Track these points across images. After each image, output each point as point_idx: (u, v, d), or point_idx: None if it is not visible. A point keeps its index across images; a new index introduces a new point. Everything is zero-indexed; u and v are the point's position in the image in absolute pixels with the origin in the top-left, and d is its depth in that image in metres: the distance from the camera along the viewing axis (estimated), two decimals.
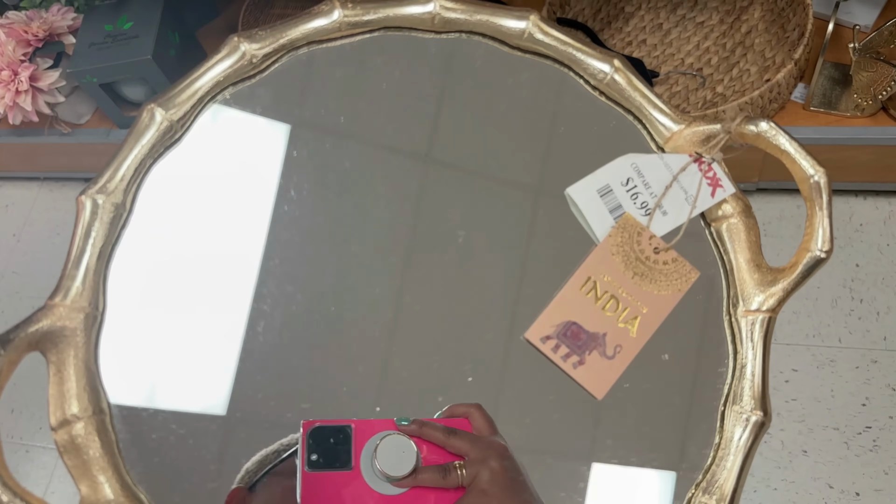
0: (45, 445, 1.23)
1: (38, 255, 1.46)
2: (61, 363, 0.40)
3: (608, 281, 0.43)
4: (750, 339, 0.45)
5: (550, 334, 0.42)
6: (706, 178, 0.45)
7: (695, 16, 1.16)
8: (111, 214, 0.47)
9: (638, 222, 0.44)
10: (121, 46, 1.20)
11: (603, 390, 0.43)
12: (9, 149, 1.43)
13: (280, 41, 0.55)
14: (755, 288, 0.46)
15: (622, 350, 0.42)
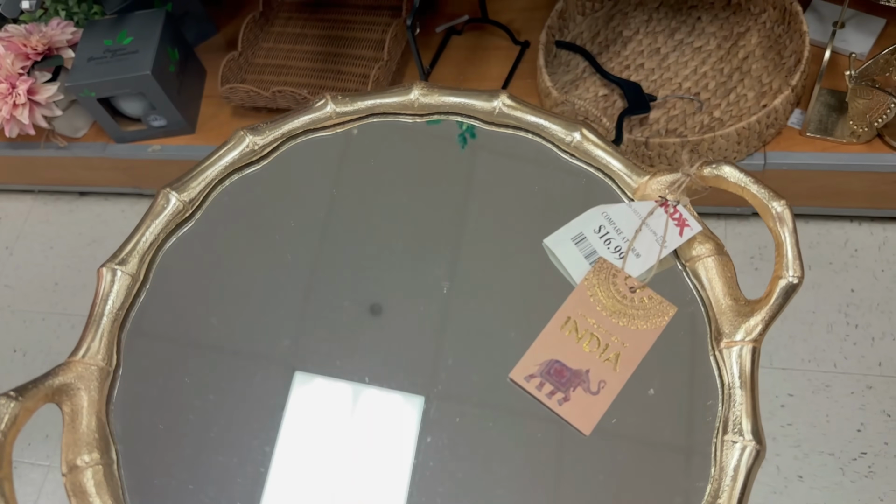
0: (34, 462, 1.22)
1: (30, 268, 1.45)
2: (75, 414, 0.43)
3: (588, 320, 0.45)
4: (737, 369, 0.46)
5: (534, 373, 0.43)
6: (672, 219, 0.47)
7: (692, 41, 1.17)
8: (127, 283, 0.52)
9: (612, 264, 0.46)
10: (120, 61, 1.20)
11: (590, 426, 0.43)
12: (4, 161, 1.43)
13: (280, 131, 0.62)
14: (735, 319, 0.47)
15: (606, 385, 0.43)
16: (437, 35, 1.32)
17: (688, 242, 0.49)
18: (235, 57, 1.28)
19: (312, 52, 1.31)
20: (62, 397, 0.43)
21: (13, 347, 1.35)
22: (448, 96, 0.61)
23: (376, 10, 1.32)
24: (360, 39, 1.29)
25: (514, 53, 1.27)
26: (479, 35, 1.32)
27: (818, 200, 1.11)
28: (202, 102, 1.36)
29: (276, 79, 1.28)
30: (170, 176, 1.35)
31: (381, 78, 1.18)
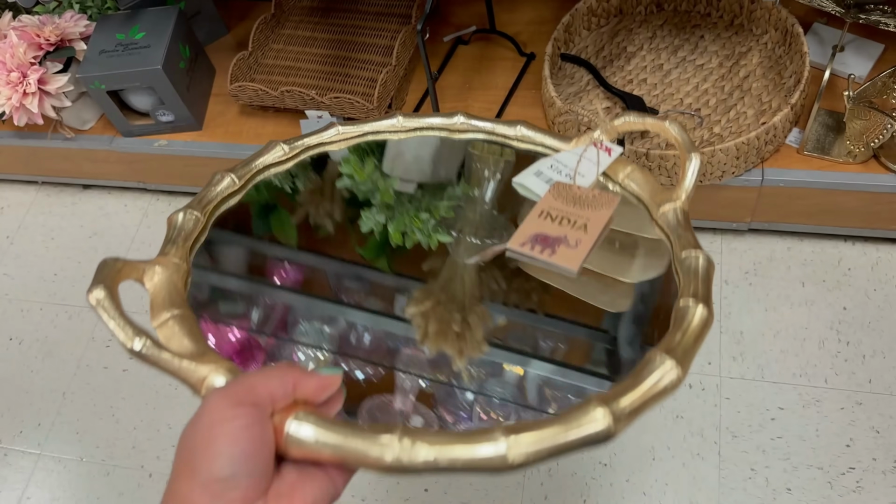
0: (24, 450, 1.21)
1: (30, 258, 1.45)
2: (157, 287, 0.48)
3: (558, 210, 0.58)
4: (676, 223, 0.54)
5: (525, 241, 0.55)
6: (602, 150, 0.62)
7: (695, 58, 1.19)
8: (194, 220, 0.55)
9: (566, 182, 0.62)
10: (131, 55, 1.22)
11: (576, 266, 0.53)
12: (10, 151, 1.44)
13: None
14: (664, 196, 0.57)
15: (582, 242, 0.55)
16: (444, 44, 1.34)
17: (616, 168, 0.61)
18: (245, 57, 1.30)
19: (321, 55, 1.32)
20: (145, 275, 0.48)
21: (9, 336, 1.35)
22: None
23: (386, 16, 1.35)
24: (369, 44, 1.31)
25: (520, 64, 1.30)
26: (485, 45, 1.34)
27: (813, 218, 1.13)
28: (210, 100, 1.37)
29: (285, 79, 1.30)
30: (175, 172, 1.37)
31: (388, 83, 1.20)
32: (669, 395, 0.40)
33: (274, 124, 1.31)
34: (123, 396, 1.24)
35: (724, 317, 1.14)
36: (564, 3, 1.28)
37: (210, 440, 0.33)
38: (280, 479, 0.36)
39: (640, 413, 0.38)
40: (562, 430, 0.36)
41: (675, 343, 0.42)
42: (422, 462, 0.34)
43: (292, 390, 0.36)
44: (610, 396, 0.38)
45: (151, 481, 1.15)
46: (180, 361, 0.40)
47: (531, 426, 0.36)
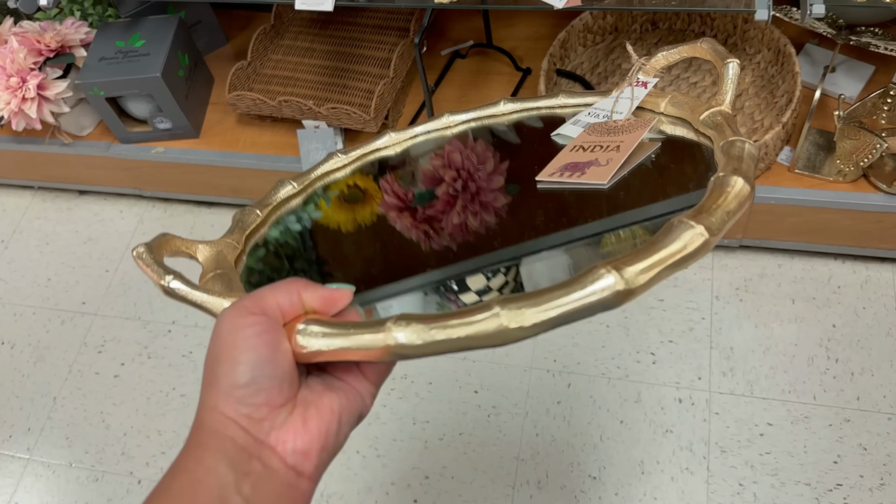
0: (14, 454, 1.21)
1: (24, 263, 1.45)
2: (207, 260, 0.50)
3: (591, 141, 0.57)
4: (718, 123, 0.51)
5: (554, 172, 0.55)
6: (637, 86, 0.61)
7: (689, 76, 1.21)
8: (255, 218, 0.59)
9: (603, 122, 0.61)
10: (131, 63, 1.23)
11: (607, 177, 0.51)
12: (7, 155, 1.44)
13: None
14: (704, 108, 0.54)
15: (613, 159, 0.52)
16: (441, 57, 1.35)
17: (657, 101, 0.59)
18: (244, 66, 1.31)
19: (320, 66, 1.34)
20: (198, 251, 0.50)
21: (1, 340, 1.35)
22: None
23: (384, 29, 1.36)
24: (367, 57, 1.33)
25: (516, 79, 1.31)
26: (482, 60, 1.36)
27: (804, 236, 1.14)
28: (208, 108, 1.38)
29: (283, 90, 1.31)
30: (171, 179, 1.38)
31: (385, 94, 1.21)
32: (694, 259, 0.35)
33: (271, 133, 1.32)
34: (114, 402, 1.24)
35: (715, 332, 1.15)
36: (561, 19, 1.30)
37: (227, 350, 0.35)
38: (307, 389, 0.37)
39: (656, 276, 0.35)
40: (565, 294, 0.34)
41: (708, 209, 0.38)
42: (421, 342, 0.34)
43: (298, 300, 0.38)
44: (622, 259, 0.35)
45: (140, 488, 1.15)
46: (205, 296, 0.42)
47: (531, 295, 0.34)
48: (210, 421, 0.35)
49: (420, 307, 0.53)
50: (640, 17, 1.27)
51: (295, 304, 0.38)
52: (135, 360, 1.29)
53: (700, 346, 1.14)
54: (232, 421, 0.35)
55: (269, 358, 0.35)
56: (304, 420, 0.36)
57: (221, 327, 0.36)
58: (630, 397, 1.11)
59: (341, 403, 0.37)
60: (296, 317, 0.37)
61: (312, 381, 0.38)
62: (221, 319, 0.36)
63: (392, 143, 0.68)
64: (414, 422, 1.14)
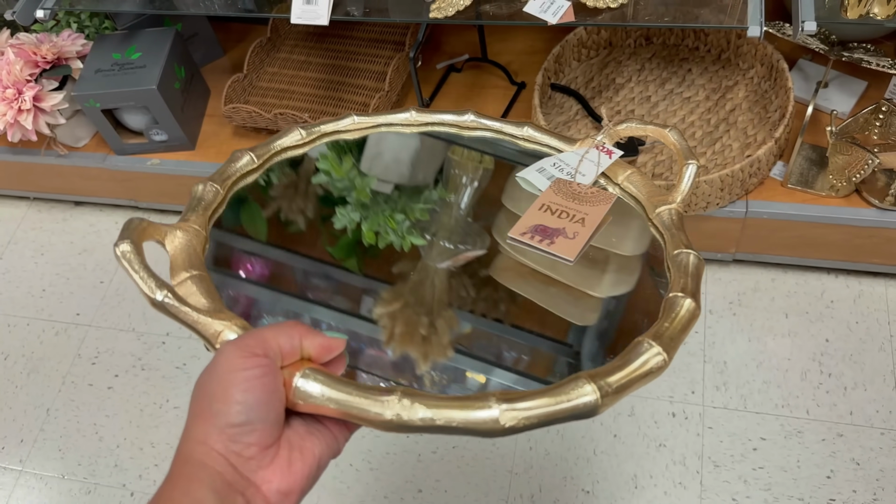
0: (6, 466, 1.21)
1: (18, 273, 1.45)
2: (176, 249, 0.50)
3: (557, 205, 0.60)
4: (670, 223, 0.56)
5: (525, 231, 0.58)
6: (603, 152, 0.65)
7: (682, 91, 1.21)
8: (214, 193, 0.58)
9: (567, 179, 0.64)
10: (127, 75, 1.24)
11: (573, 254, 0.56)
12: (3, 166, 1.44)
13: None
14: (660, 199, 0.59)
15: (579, 234, 0.57)
16: (437, 71, 1.36)
17: (616, 171, 0.63)
18: (240, 79, 1.32)
19: (316, 79, 1.34)
20: (166, 237, 0.50)
21: None
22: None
23: (380, 43, 1.37)
24: (363, 70, 1.33)
25: (511, 93, 1.32)
26: (477, 74, 1.36)
27: (797, 251, 1.15)
28: (204, 121, 1.39)
29: (279, 102, 1.31)
30: (166, 190, 1.38)
31: (380, 107, 1.22)
32: (653, 378, 0.42)
33: None
34: (107, 414, 1.24)
35: (708, 346, 1.15)
36: (555, 34, 1.31)
37: (226, 388, 0.36)
38: (291, 430, 0.38)
39: (625, 392, 0.40)
40: (552, 401, 0.38)
41: (663, 330, 0.44)
42: (419, 420, 0.37)
43: (298, 345, 0.39)
44: (598, 374, 0.40)
45: (133, 500, 1.14)
46: (198, 315, 0.43)
47: (524, 395, 0.38)
48: (199, 454, 0.35)
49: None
50: (634, 33, 1.28)
51: (295, 349, 0.39)
52: (128, 371, 1.28)
53: (693, 359, 1.14)
54: (221, 456, 0.35)
55: (265, 401, 0.36)
56: (290, 462, 0.37)
57: (221, 364, 0.37)
58: (624, 411, 1.11)
59: (321, 449, 0.39)
60: (292, 362, 0.39)
61: (295, 423, 0.39)
62: (223, 356, 0.37)
63: (355, 127, 0.68)
64: (407, 435, 1.14)
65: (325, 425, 0.40)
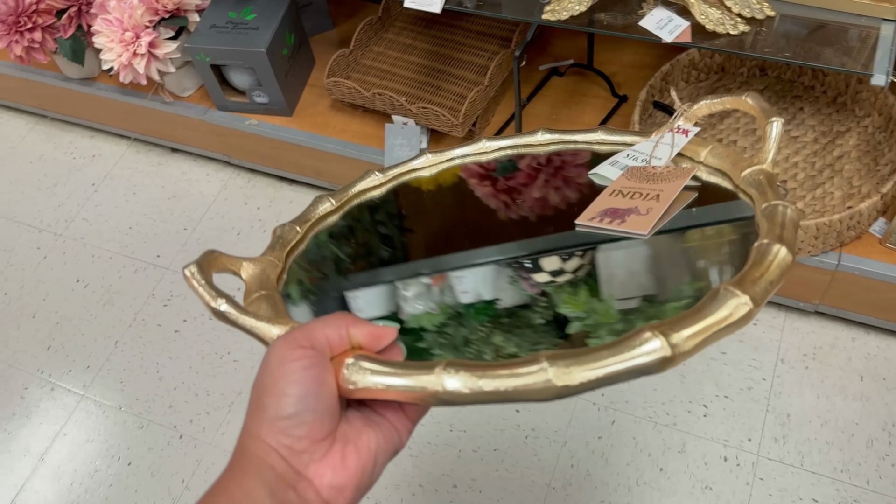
0: (70, 388, 1.27)
1: (109, 208, 1.52)
2: (251, 278, 0.52)
3: (629, 187, 0.57)
4: (759, 182, 0.51)
5: (594, 216, 0.55)
6: (677, 133, 0.61)
7: (791, 129, 1.17)
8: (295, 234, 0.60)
9: (641, 166, 0.61)
10: (240, 34, 1.27)
11: (647, 227, 0.52)
12: (111, 104, 1.51)
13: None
14: (746, 163, 0.54)
15: (653, 209, 0.53)
16: (539, 72, 1.35)
17: (696, 149, 0.59)
18: (345, 54, 1.34)
19: (418, 65, 1.35)
20: (242, 269, 0.52)
21: (77, 278, 1.42)
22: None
23: (487, 37, 1.36)
24: (466, 62, 1.33)
25: (611, 105, 1.29)
26: (579, 80, 1.35)
27: (885, 313, 1.09)
28: (305, 90, 1.41)
29: (379, 82, 1.33)
30: (259, 151, 1.42)
31: (477, 101, 1.22)
32: (738, 328, 0.37)
33: (360, 123, 1.34)
34: (171, 356, 1.29)
35: (774, 395, 1.11)
36: (666, 51, 1.28)
37: (275, 381, 0.36)
38: (347, 424, 0.38)
39: (701, 343, 0.36)
40: (612, 356, 0.35)
41: (751, 279, 0.39)
42: (467, 389, 0.35)
43: (346, 335, 0.39)
44: (666, 324, 0.36)
45: (181, 442, 1.19)
46: (256, 321, 0.44)
47: (577, 353, 0.35)
48: (252, 447, 0.36)
49: (492, 280, 0.56)
50: (749, 62, 1.23)
51: (343, 339, 0.38)
52: (197, 318, 1.33)
53: (756, 406, 1.10)
54: (273, 450, 0.35)
55: (314, 392, 0.36)
56: (343, 456, 0.37)
57: (271, 358, 0.37)
58: (674, 446, 1.08)
59: (378, 442, 0.38)
60: (342, 351, 0.38)
61: (352, 416, 0.39)
62: (272, 350, 0.37)
63: (429, 164, 0.69)
64: (451, 429, 1.14)
65: (384, 417, 0.39)
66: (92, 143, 1.65)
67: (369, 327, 0.39)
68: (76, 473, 1.17)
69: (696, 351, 0.35)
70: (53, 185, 1.59)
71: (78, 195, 1.56)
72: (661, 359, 0.34)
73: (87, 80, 1.52)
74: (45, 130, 1.70)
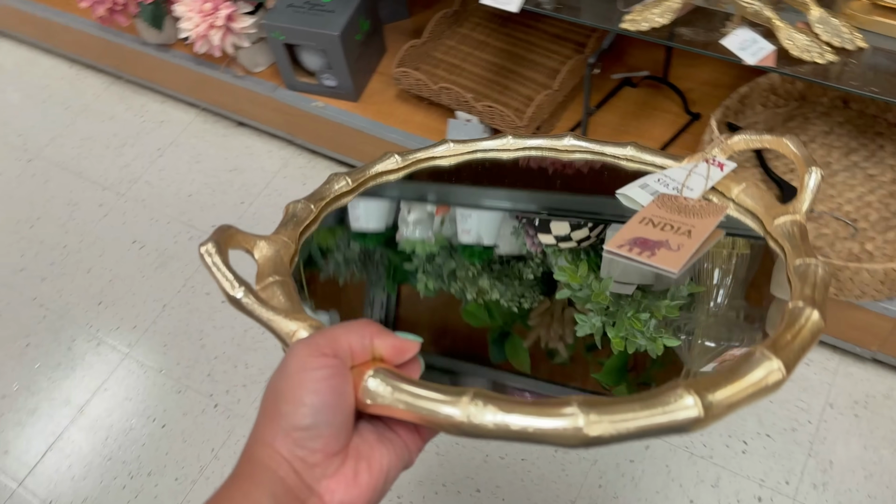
0: (115, 346, 1.30)
1: (172, 173, 1.55)
2: (264, 258, 0.50)
3: (660, 217, 0.55)
4: (792, 234, 0.51)
5: (623, 244, 0.53)
6: (713, 165, 0.59)
7: (868, 166, 1.12)
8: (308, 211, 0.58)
9: (673, 194, 0.59)
10: (315, 16, 1.27)
11: (678, 267, 0.51)
12: (183, 72, 1.54)
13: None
14: (780, 211, 0.54)
15: (684, 246, 0.52)
16: (610, 80, 1.32)
17: (728, 185, 0.58)
18: (417, 45, 1.33)
19: (489, 62, 1.34)
20: (255, 247, 0.51)
21: (133, 238, 1.45)
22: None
23: (562, 40, 1.34)
24: (537, 63, 1.31)
25: (683, 122, 1.26)
26: (652, 93, 1.31)
27: None
28: (373, 77, 1.41)
29: (448, 76, 1.32)
30: (322, 134, 1.42)
31: (544, 105, 1.20)
32: (768, 395, 0.37)
33: (424, 115, 1.33)
34: (215, 325, 1.31)
35: (818, 440, 1.06)
36: (746, 73, 1.23)
37: (294, 388, 0.34)
38: (360, 438, 0.36)
39: (734, 406, 0.35)
40: (646, 411, 0.34)
41: (784, 343, 0.39)
42: (492, 424, 0.34)
43: (370, 345, 0.37)
44: (701, 384, 0.35)
45: (215, 412, 1.20)
46: (274, 314, 0.42)
47: (612, 402, 0.34)
48: (263, 456, 0.34)
49: (496, 227, 0.56)
50: (832, 93, 1.19)
51: (366, 349, 0.37)
52: None
53: (798, 449, 1.06)
54: (285, 461, 0.34)
55: (332, 404, 0.35)
56: (356, 473, 0.35)
57: (291, 363, 0.35)
58: (708, 479, 1.05)
59: (391, 460, 0.37)
60: (363, 362, 0.37)
61: (364, 430, 0.37)
62: (292, 355, 0.36)
63: (450, 153, 0.67)
64: None
65: (396, 433, 0.38)
66: (162, 108, 1.68)
67: (393, 339, 0.38)
68: (112, 429, 1.20)
69: (727, 414, 0.35)
70: (122, 145, 1.63)
71: (144, 158, 1.59)
72: (694, 419, 0.34)
73: (164, 45, 1.55)
74: (119, 91, 1.74)
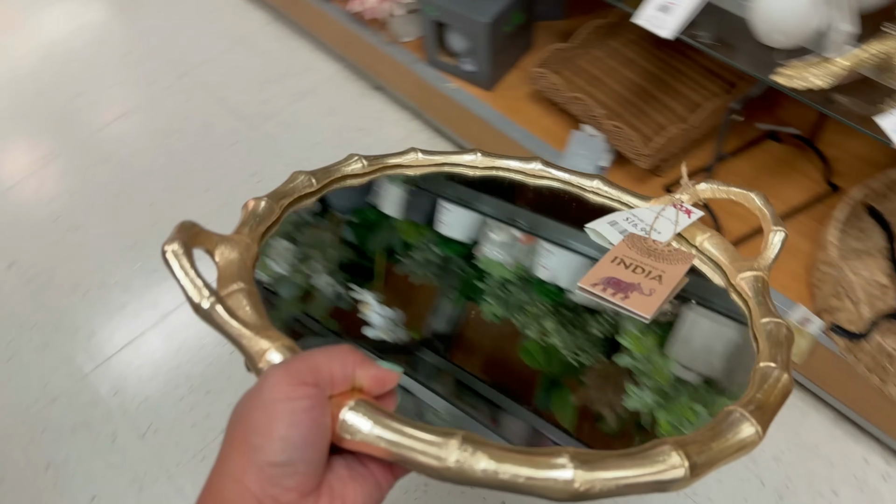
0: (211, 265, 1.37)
1: (305, 118, 1.61)
2: (226, 261, 0.48)
3: (631, 259, 0.57)
4: (755, 290, 0.53)
5: (597, 283, 0.54)
6: (681, 210, 0.61)
7: None
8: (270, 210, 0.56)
9: (641, 235, 0.60)
10: (471, 0, 1.27)
11: (650, 312, 0.52)
12: (336, 25, 1.58)
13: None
14: (744, 265, 0.55)
15: (656, 291, 0.53)
16: (755, 129, 1.25)
17: (693, 232, 0.60)
18: (563, 48, 1.31)
19: (631, 82, 1.29)
20: (217, 248, 0.48)
21: (254, 171, 1.52)
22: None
23: (713, 75, 1.28)
24: (680, 94, 1.26)
25: (820, 190, 1.17)
26: (794, 153, 1.23)
27: None
28: (511, 71, 1.40)
29: (586, 87, 1.29)
30: (450, 115, 1.43)
31: (676, 138, 1.15)
32: (745, 454, 0.38)
33: (551, 120, 1.31)
34: None
35: None
36: None
37: (269, 419, 0.32)
38: (332, 474, 0.34)
39: (714, 466, 0.36)
40: (635, 469, 0.34)
41: (756, 402, 0.40)
42: (480, 471, 0.32)
43: (351, 375, 0.35)
44: (685, 442, 0.35)
45: None
46: (243, 330, 0.38)
47: (602, 456, 0.34)
48: (231, 493, 0.31)
49: (576, 272, 0.57)
50: None
51: (347, 379, 0.35)
52: None
53: None
54: (256, 499, 0.31)
55: (310, 439, 0.32)
56: None
57: (267, 390, 0.32)
58: None
59: (364, 498, 0.34)
60: (342, 392, 0.35)
61: (337, 465, 0.35)
62: (270, 381, 0.33)
63: (417, 163, 0.67)
64: None
65: (367, 468, 0.35)
66: (311, 56, 1.74)
67: (375, 370, 0.36)
68: (186, 341, 1.28)
69: (707, 473, 0.35)
70: (266, 81, 1.70)
71: (282, 99, 1.66)
72: (681, 478, 0.34)
73: None
74: (276, 31, 1.82)
